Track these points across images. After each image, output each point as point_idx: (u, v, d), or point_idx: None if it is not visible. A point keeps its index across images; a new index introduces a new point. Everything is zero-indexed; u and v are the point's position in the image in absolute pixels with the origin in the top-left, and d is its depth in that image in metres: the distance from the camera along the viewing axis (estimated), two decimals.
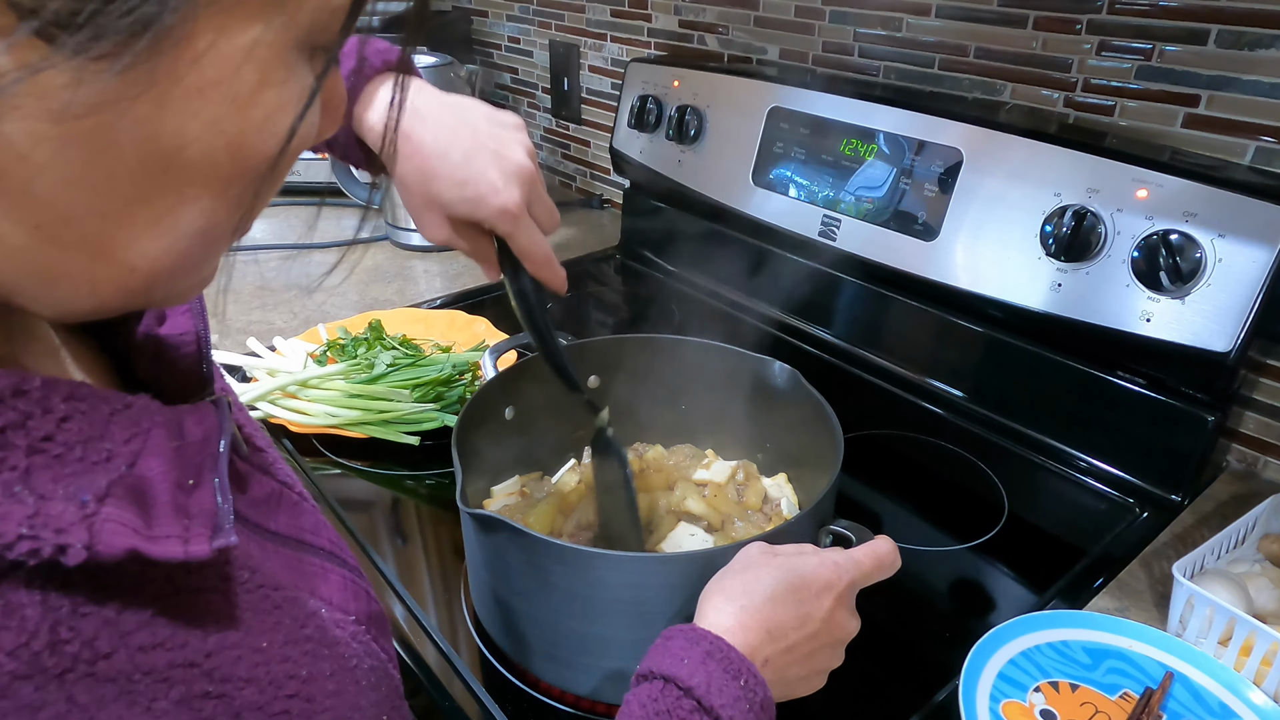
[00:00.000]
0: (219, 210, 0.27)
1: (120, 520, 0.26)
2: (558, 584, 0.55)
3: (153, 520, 0.27)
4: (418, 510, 0.82)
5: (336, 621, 0.37)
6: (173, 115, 0.24)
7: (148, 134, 0.24)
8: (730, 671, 0.45)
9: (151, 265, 0.27)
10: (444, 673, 0.63)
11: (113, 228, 0.25)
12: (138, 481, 0.27)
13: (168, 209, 0.26)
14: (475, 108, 0.58)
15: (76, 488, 0.25)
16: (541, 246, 0.59)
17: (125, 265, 0.26)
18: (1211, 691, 0.59)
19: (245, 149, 0.26)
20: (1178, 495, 0.82)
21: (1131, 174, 0.78)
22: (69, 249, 0.25)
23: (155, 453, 0.28)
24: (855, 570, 0.52)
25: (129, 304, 0.29)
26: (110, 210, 0.25)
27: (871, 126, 0.98)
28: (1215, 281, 0.74)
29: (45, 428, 0.25)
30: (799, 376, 0.72)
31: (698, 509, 0.69)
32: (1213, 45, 0.80)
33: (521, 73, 1.69)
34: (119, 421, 0.28)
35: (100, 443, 0.27)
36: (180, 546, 0.27)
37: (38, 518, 0.24)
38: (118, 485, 0.26)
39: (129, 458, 0.27)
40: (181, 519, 0.27)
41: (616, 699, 0.58)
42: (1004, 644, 0.62)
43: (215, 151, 0.25)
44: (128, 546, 0.25)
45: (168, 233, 0.26)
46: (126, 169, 0.24)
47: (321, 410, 0.88)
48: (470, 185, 0.55)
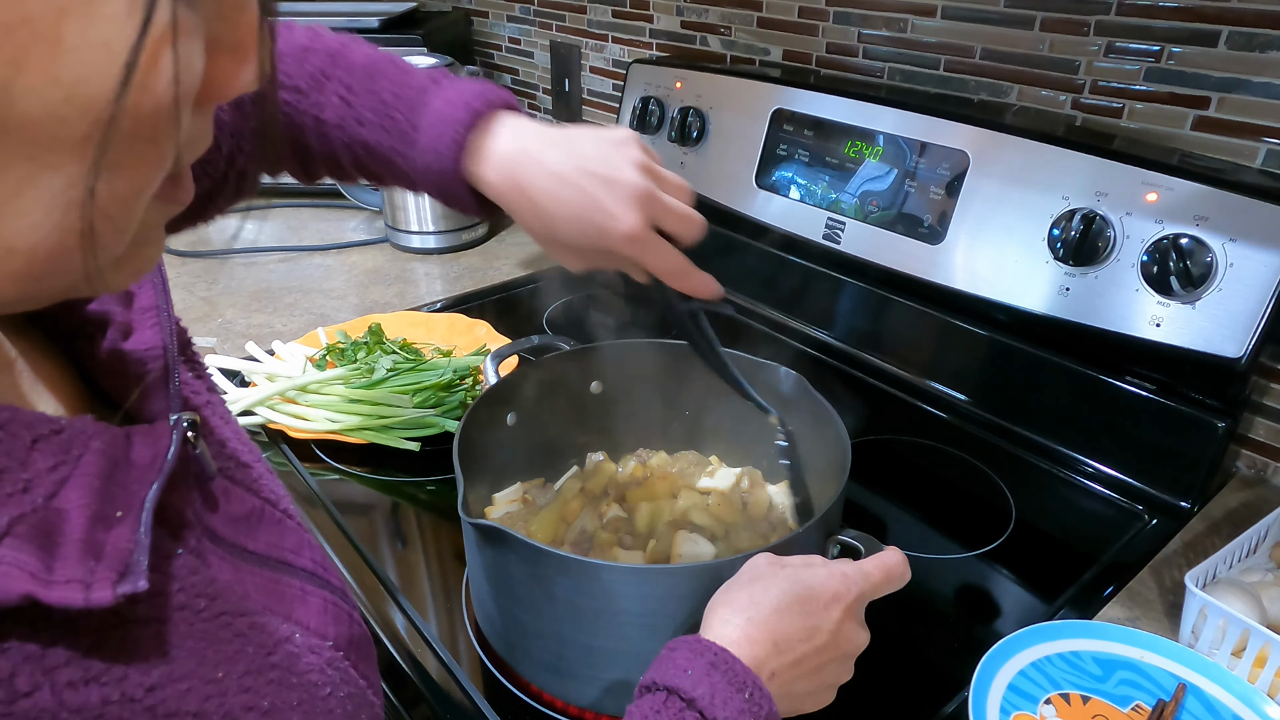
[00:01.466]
0: (93, 177, 0.23)
1: (14, 564, 0.24)
2: (561, 595, 0.54)
3: (55, 562, 0.25)
4: (418, 517, 0.81)
5: (311, 647, 0.36)
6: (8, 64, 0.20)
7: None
8: (735, 684, 0.44)
9: (30, 244, 0.23)
10: (445, 683, 0.62)
11: None
12: (50, 516, 0.25)
13: (23, 179, 0.22)
14: (583, 135, 0.56)
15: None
16: (673, 261, 0.59)
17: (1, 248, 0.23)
18: (1225, 704, 0.58)
19: (91, 100, 0.22)
20: (1187, 502, 0.81)
21: (1141, 177, 0.77)
22: None
23: (80, 483, 0.26)
24: (864, 582, 0.51)
25: (28, 294, 0.26)
26: None
27: (876, 128, 0.97)
28: (1226, 286, 0.73)
29: None
30: (805, 382, 0.71)
31: (701, 519, 0.68)
32: (1223, 47, 0.79)
33: (522, 74, 1.69)
34: (44, 449, 0.26)
35: (19, 472, 0.25)
36: (80, 592, 0.25)
37: None
38: (22, 521, 0.24)
39: (50, 488, 0.25)
40: (88, 560, 0.25)
41: (619, 711, 0.57)
42: (1014, 654, 0.61)
43: (54, 106, 0.21)
44: (23, 592, 0.23)
45: (35, 206, 0.23)
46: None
47: (321, 415, 0.87)
48: (588, 219, 0.54)
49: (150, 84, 0.23)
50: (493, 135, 0.55)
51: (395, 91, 0.56)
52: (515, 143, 0.55)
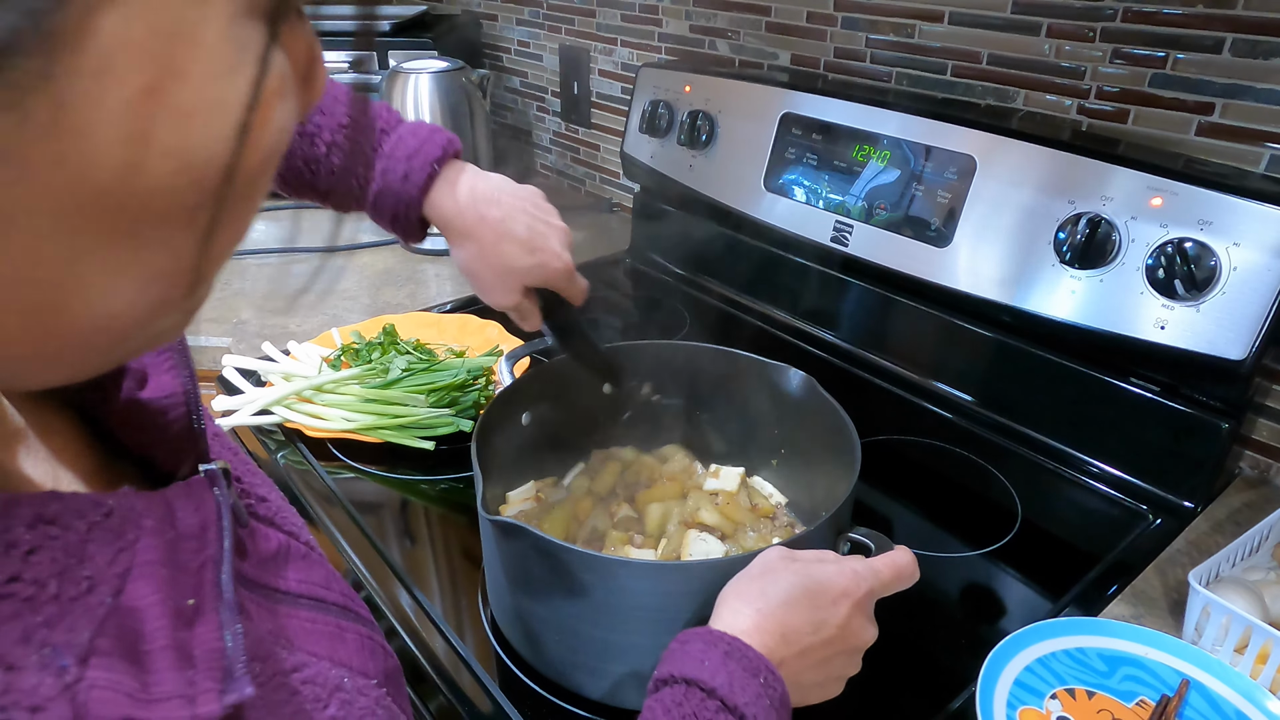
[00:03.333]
0: (190, 242, 0.22)
1: (110, 685, 0.21)
2: (577, 590, 0.55)
3: (149, 676, 0.22)
4: (434, 514, 0.82)
5: (360, 689, 0.34)
6: (99, 146, 0.18)
7: (71, 177, 0.19)
8: (749, 670, 0.45)
9: (120, 320, 0.22)
10: (462, 676, 0.63)
11: (59, 294, 0.20)
12: (126, 620, 0.22)
13: (127, 256, 0.21)
14: (516, 187, 0.70)
15: (53, 647, 0.21)
16: (584, 289, 0.73)
17: (88, 328, 0.22)
18: (1228, 699, 0.60)
19: (204, 164, 0.20)
20: (1191, 502, 0.82)
21: (1146, 181, 0.78)
22: (23, 323, 0.21)
23: (145, 572, 0.23)
24: (874, 579, 0.52)
25: (110, 360, 0.25)
26: (49, 277, 0.20)
27: (883, 133, 0.99)
28: (1230, 289, 0.74)
29: (9, 567, 0.21)
30: (814, 383, 0.72)
31: (711, 518, 0.70)
32: (1226, 53, 0.80)
33: (531, 76, 1.70)
34: (98, 538, 0.23)
35: (78, 570, 0.22)
36: (185, 709, 0.22)
37: (7, 695, 0.20)
38: (103, 634, 0.22)
39: (114, 584, 0.23)
40: (184, 669, 0.23)
41: (634, 702, 0.59)
42: (1020, 651, 0.62)
43: (165, 177, 0.20)
44: (121, 717, 0.21)
45: (132, 284, 0.21)
46: (56, 226, 0.19)
47: (337, 415, 0.89)
48: (537, 253, 0.67)
49: (260, 141, 0.22)
50: (459, 173, 0.68)
51: (354, 116, 0.64)
52: (474, 184, 0.68)
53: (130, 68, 0.18)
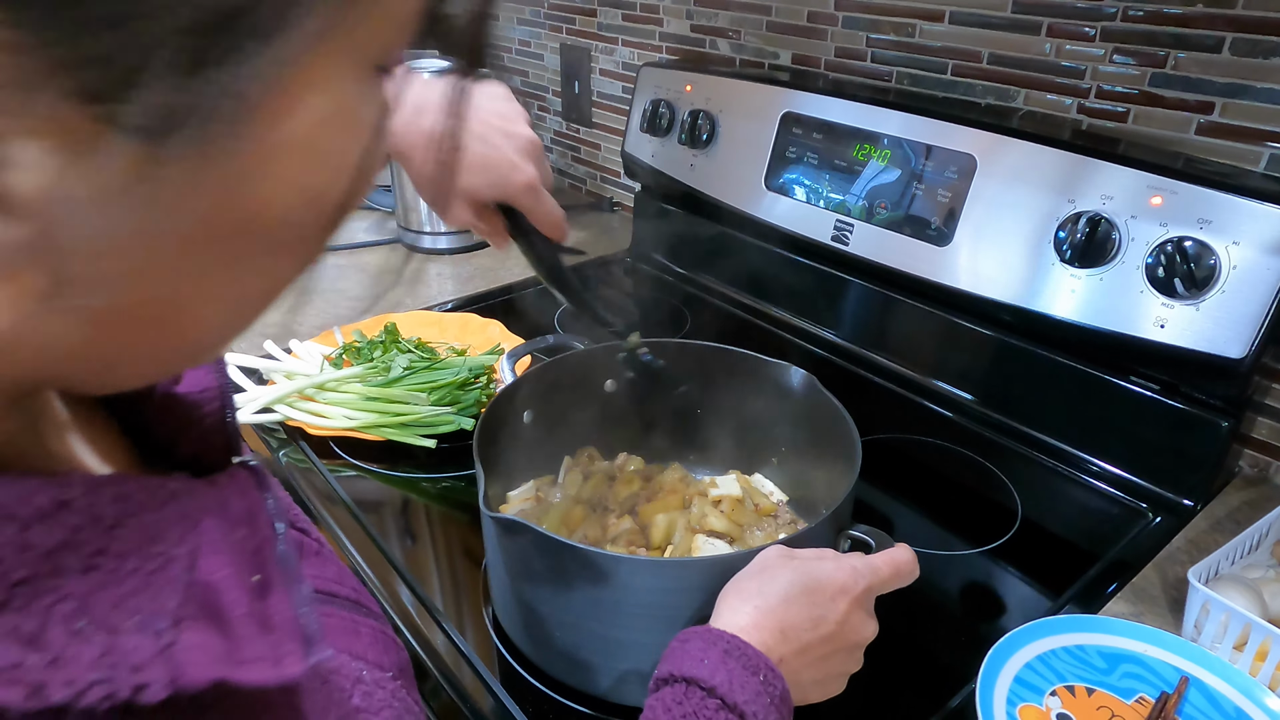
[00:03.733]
0: (289, 267, 0.25)
1: (202, 646, 0.22)
2: (581, 587, 0.55)
3: (236, 639, 0.23)
4: (435, 512, 0.82)
5: (378, 681, 0.35)
6: (257, 185, 0.21)
7: (232, 209, 0.21)
8: (749, 668, 0.45)
9: (217, 331, 0.25)
10: (464, 673, 0.64)
11: (183, 306, 0.23)
12: (205, 591, 0.24)
13: (242, 276, 0.23)
14: (479, 92, 0.59)
15: (145, 613, 0.22)
16: (556, 210, 0.63)
17: (190, 338, 0.24)
18: (1227, 696, 0.60)
19: (325, 201, 0.23)
20: (1191, 500, 0.82)
21: (1146, 180, 0.78)
22: (136, 334, 0.23)
23: (212, 549, 0.24)
24: (873, 576, 0.52)
25: (188, 367, 0.28)
26: (184, 291, 0.23)
27: (884, 132, 0.99)
28: (1230, 288, 0.74)
29: (96, 540, 0.22)
30: (815, 381, 0.72)
31: (719, 524, 0.70)
32: (1226, 53, 0.80)
33: (532, 76, 1.70)
34: (169, 516, 0.24)
35: (153, 546, 0.23)
36: (271, 670, 0.23)
37: (109, 656, 0.21)
38: (188, 601, 0.23)
39: (187, 560, 0.24)
40: (266, 634, 0.24)
41: (635, 699, 0.59)
42: (1020, 648, 0.62)
43: (297, 211, 0.23)
44: (214, 677, 0.22)
45: (236, 298, 0.24)
46: (209, 248, 0.22)
47: (339, 413, 0.89)
48: (494, 169, 0.58)
49: (372, 177, 0.25)
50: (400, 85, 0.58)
51: None
52: (419, 97, 0.56)
53: (296, 123, 0.21)
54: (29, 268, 0.19)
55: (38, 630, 0.20)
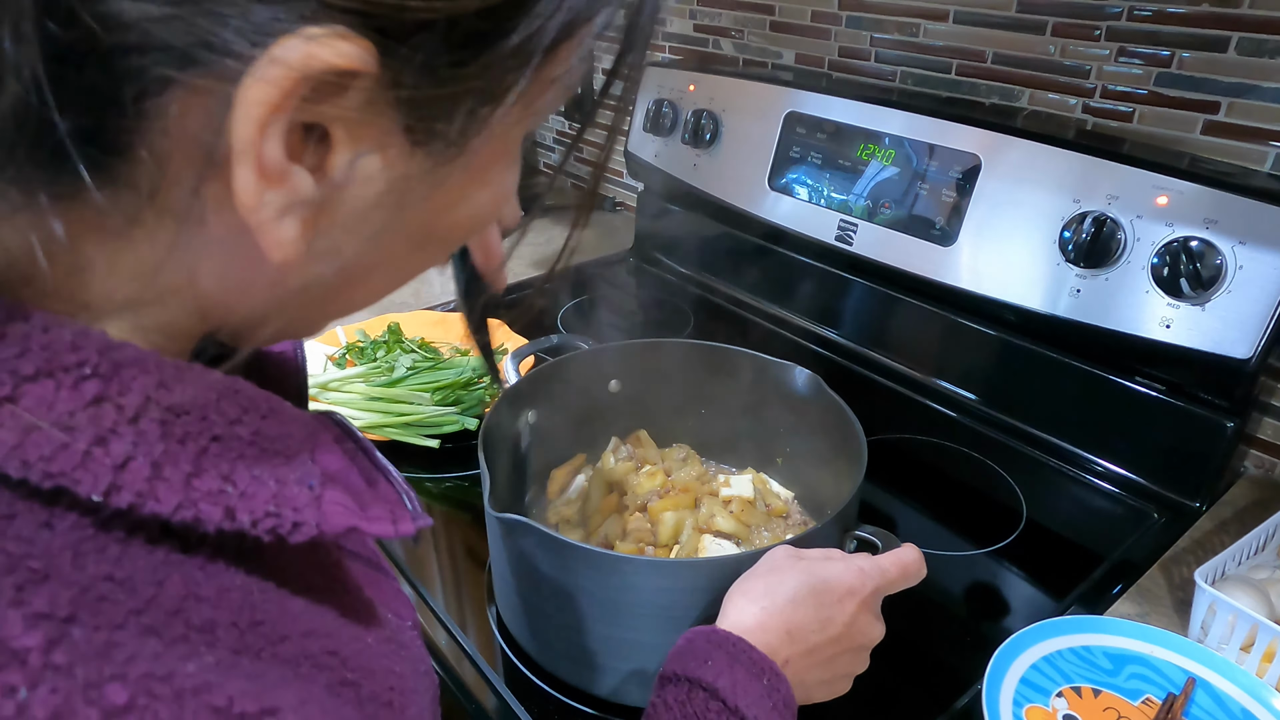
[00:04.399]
0: (430, 265, 0.32)
1: (341, 503, 0.28)
2: (586, 587, 0.55)
3: (363, 503, 0.29)
4: (439, 513, 0.82)
5: (400, 627, 0.38)
6: (457, 195, 0.29)
7: (438, 208, 0.28)
8: (753, 671, 0.45)
9: (360, 307, 0.32)
10: (469, 672, 0.64)
11: (364, 280, 0.30)
12: (331, 475, 0.29)
13: (413, 265, 0.31)
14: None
15: (298, 474, 0.27)
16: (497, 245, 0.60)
17: (343, 310, 0.31)
18: (1234, 698, 0.60)
19: (484, 219, 0.31)
20: (1196, 501, 0.82)
21: (1151, 180, 0.78)
22: (325, 297, 0.30)
23: (327, 450, 0.30)
24: (880, 577, 0.52)
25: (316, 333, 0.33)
26: (376, 267, 0.29)
27: (888, 131, 0.99)
28: (1236, 288, 0.74)
29: (254, 423, 0.27)
30: (820, 382, 0.72)
31: (727, 525, 0.70)
32: (1232, 52, 0.80)
33: None
34: (291, 420, 0.29)
35: (288, 440, 0.28)
36: (390, 526, 0.29)
37: (279, 497, 0.26)
38: (324, 475, 0.28)
39: (308, 455, 0.29)
40: (383, 504, 0.30)
41: (640, 700, 0.59)
42: (1026, 649, 0.62)
43: (468, 221, 0.30)
44: (349, 525, 0.27)
45: (396, 281, 0.31)
46: (409, 236, 0.29)
47: (342, 413, 0.89)
48: None
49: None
50: None
51: None
52: None
53: (489, 154, 0.29)
54: (312, 221, 0.25)
55: (229, 471, 0.26)
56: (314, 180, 0.24)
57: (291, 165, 0.23)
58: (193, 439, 0.25)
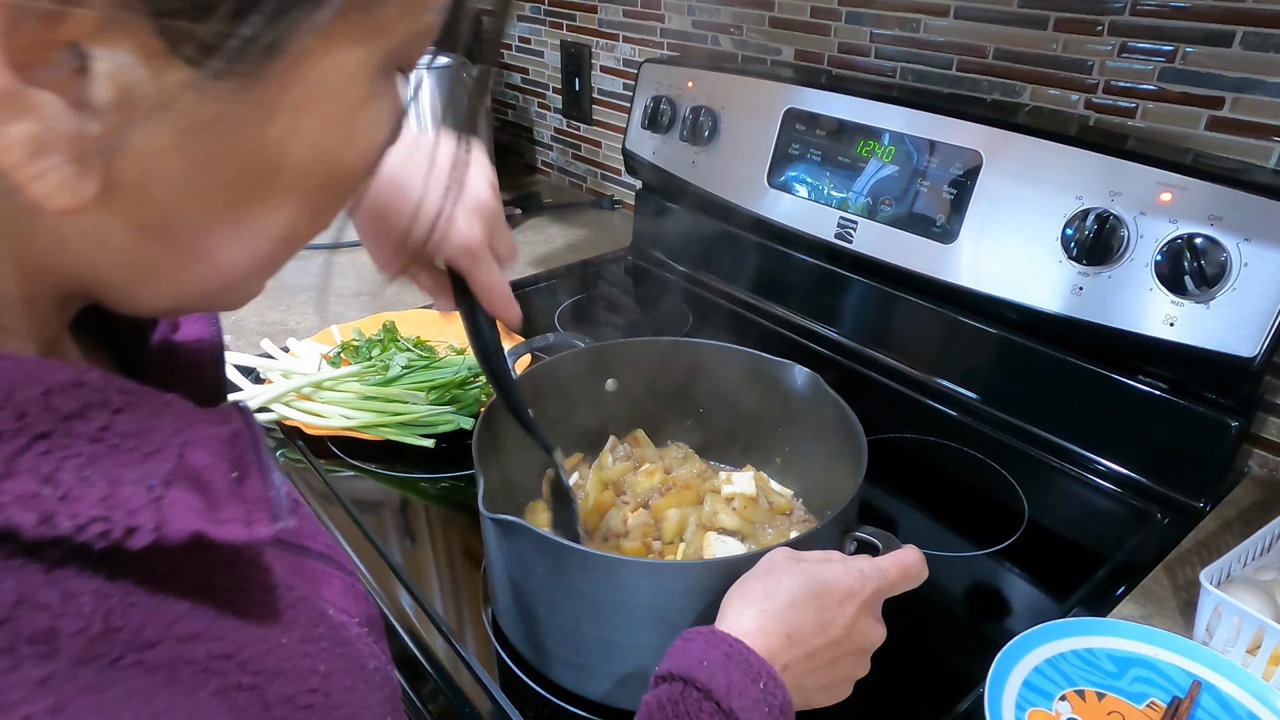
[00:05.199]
0: (300, 219, 0.29)
1: (186, 504, 0.26)
2: (581, 590, 0.54)
3: (215, 504, 0.27)
4: (434, 513, 0.81)
5: (343, 623, 0.37)
6: (279, 130, 0.26)
7: (255, 146, 0.26)
8: (750, 674, 0.44)
9: (233, 268, 0.29)
10: (462, 675, 0.63)
11: (205, 231, 0.27)
12: (192, 470, 0.27)
13: (257, 215, 0.28)
14: (429, 139, 0.53)
15: (140, 474, 0.26)
16: (500, 283, 0.56)
17: (210, 267, 0.28)
18: (1240, 701, 0.59)
19: (336, 164, 0.28)
20: (1200, 501, 0.81)
21: (1155, 177, 0.77)
22: (164, 250, 0.27)
23: (200, 445, 0.28)
24: (881, 579, 0.51)
25: (202, 305, 0.31)
26: (208, 215, 0.27)
27: (888, 128, 0.98)
28: (1241, 286, 0.73)
29: (102, 418, 0.26)
30: (820, 380, 0.71)
31: (730, 522, 0.69)
32: (1237, 47, 0.79)
33: (532, 73, 1.69)
34: (164, 415, 0.28)
35: (150, 434, 0.27)
36: (244, 529, 0.27)
37: (109, 500, 0.24)
38: (176, 473, 0.27)
39: (178, 449, 0.27)
40: (240, 504, 0.28)
41: (634, 704, 0.58)
42: (1028, 651, 0.61)
43: (310, 165, 0.27)
44: (194, 529, 0.26)
45: (252, 237, 0.28)
46: (231, 178, 0.26)
47: (336, 412, 0.88)
48: (428, 221, 0.51)
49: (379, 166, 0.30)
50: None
51: None
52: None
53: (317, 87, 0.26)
54: (95, 164, 0.23)
55: (52, 472, 0.24)
56: (75, 109, 0.22)
57: (27, 88, 0.21)
58: (7, 438, 0.23)
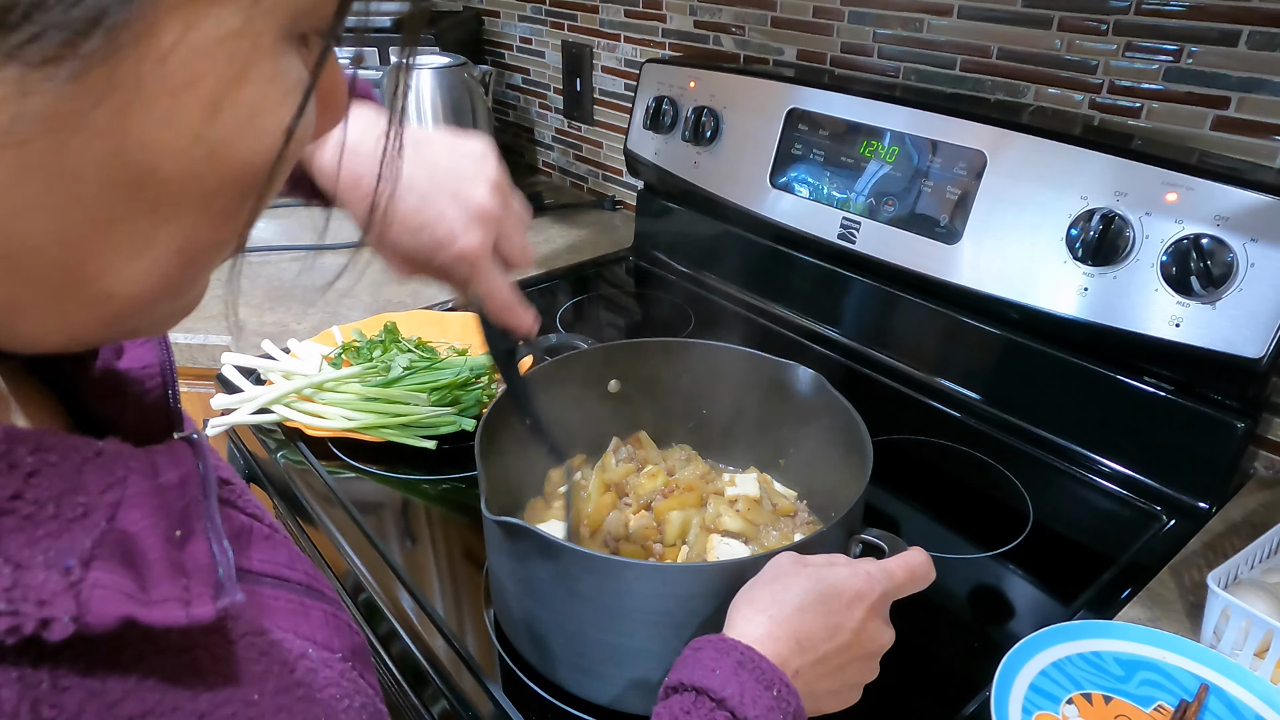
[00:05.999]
0: (201, 227, 0.24)
1: (111, 585, 0.23)
2: (585, 593, 0.54)
3: (147, 581, 0.24)
4: (435, 515, 0.81)
5: (325, 661, 0.34)
6: (139, 125, 0.21)
7: (112, 148, 0.21)
8: (763, 682, 0.44)
9: (128, 291, 0.24)
10: (465, 680, 0.62)
11: (81, 255, 0.22)
12: (122, 538, 0.24)
13: (143, 230, 0.23)
14: (436, 141, 0.53)
15: (56, 551, 0.22)
16: (501, 291, 0.55)
17: (99, 294, 0.24)
18: (1247, 704, 0.58)
19: (229, 157, 0.23)
20: (1206, 503, 0.81)
21: (1160, 177, 0.77)
22: (32, 281, 0.22)
23: (135, 503, 0.25)
24: (888, 581, 0.51)
25: (107, 335, 0.26)
26: (76, 236, 0.22)
27: (892, 128, 0.97)
28: (1247, 286, 0.72)
29: (12, 485, 0.22)
30: (824, 382, 0.71)
31: (734, 524, 0.68)
32: (1243, 46, 0.79)
33: (533, 73, 1.69)
34: (91, 470, 0.24)
35: (74, 496, 0.23)
36: (181, 610, 0.24)
37: (16, 590, 0.21)
38: (102, 544, 0.23)
39: (108, 510, 0.24)
40: (178, 577, 0.25)
41: (642, 709, 0.58)
42: (1035, 654, 0.61)
43: (193, 164, 0.22)
44: (122, 615, 0.23)
45: (144, 255, 0.23)
46: (91, 190, 0.21)
47: (337, 413, 0.88)
48: (426, 231, 0.51)
49: (292, 152, 0.25)
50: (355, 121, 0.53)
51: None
52: (362, 135, 0.50)
53: (185, 66, 0.21)
54: None
55: None
56: None
57: None
58: None
